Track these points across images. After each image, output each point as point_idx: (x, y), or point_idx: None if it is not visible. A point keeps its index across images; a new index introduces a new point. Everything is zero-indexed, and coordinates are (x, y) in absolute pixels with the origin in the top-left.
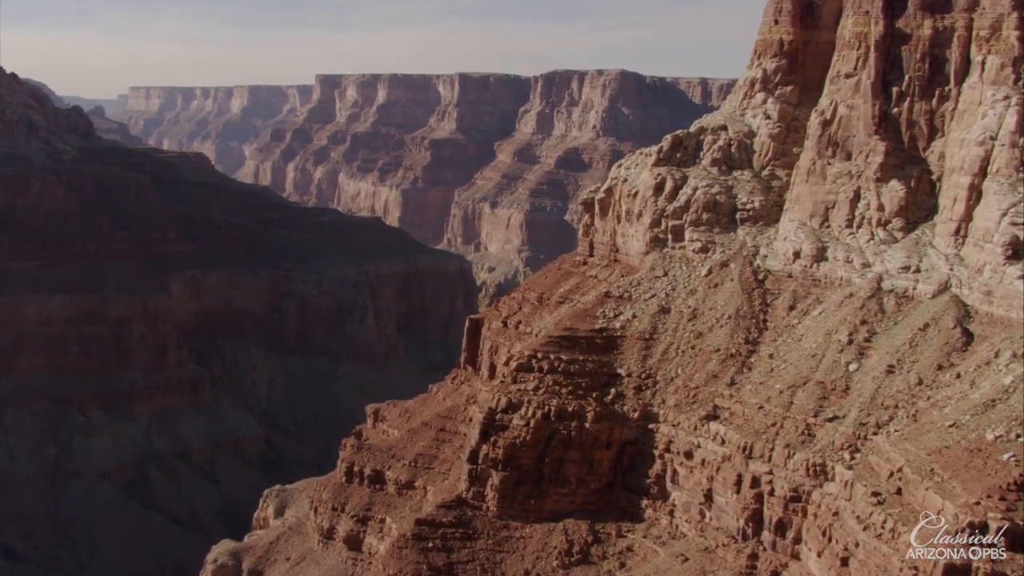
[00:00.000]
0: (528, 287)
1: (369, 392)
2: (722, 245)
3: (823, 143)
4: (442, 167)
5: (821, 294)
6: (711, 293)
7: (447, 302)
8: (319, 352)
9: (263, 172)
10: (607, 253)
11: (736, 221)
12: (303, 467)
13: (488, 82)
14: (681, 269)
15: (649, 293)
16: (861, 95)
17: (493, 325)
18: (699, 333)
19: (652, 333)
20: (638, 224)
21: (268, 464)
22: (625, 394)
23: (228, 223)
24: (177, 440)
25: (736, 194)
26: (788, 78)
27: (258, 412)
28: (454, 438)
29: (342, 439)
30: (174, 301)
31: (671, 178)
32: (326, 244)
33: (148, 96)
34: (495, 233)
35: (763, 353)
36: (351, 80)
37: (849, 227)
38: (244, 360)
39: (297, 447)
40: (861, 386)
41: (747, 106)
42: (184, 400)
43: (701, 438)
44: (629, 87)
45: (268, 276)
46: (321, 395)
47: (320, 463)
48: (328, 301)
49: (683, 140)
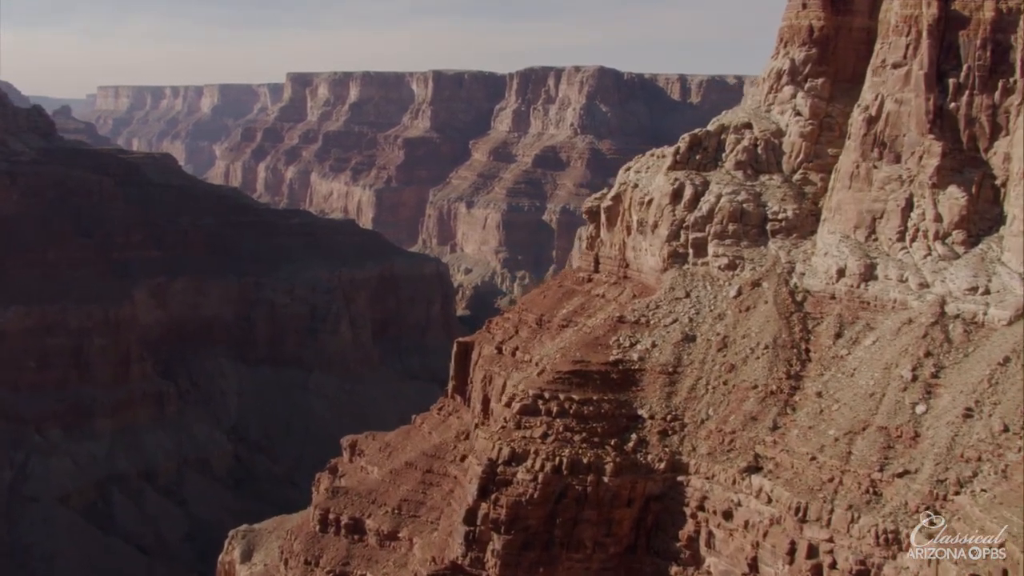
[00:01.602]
0: (524, 307)
1: (343, 403)
2: (752, 261)
3: (868, 143)
4: (416, 166)
5: (872, 319)
6: (743, 318)
7: (423, 307)
8: (291, 362)
9: (234, 172)
10: (615, 269)
11: (767, 233)
12: (275, 484)
13: (463, 79)
14: (705, 289)
15: (670, 318)
16: (912, 88)
17: (485, 351)
18: (731, 366)
19: (676, 366)
20: (653, 236)
21: (238, 482)
22: (648, 440)
23: (195, 227)
24: (141, 459)
25: (765, 202)
26: (819, 69)
27: (227, 426)
28: (443, 481)
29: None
30: (138, 310)
31: (690, 184)
32: (297, 248)
33: (117, 95)
34: (471, 234)
35: (809, 390)
36: (323, 78)
37: (901, 240)
38: (212, 371)
39: (268, 463)
40: (934, 433)
41: (773, 101)
42: (149, 416)
43: (742, 494)
44: (607, 84)
45: (237, 282)
46: (293, 407)
47: (292, 479)
48: (300, 308)
49: (702, 140)
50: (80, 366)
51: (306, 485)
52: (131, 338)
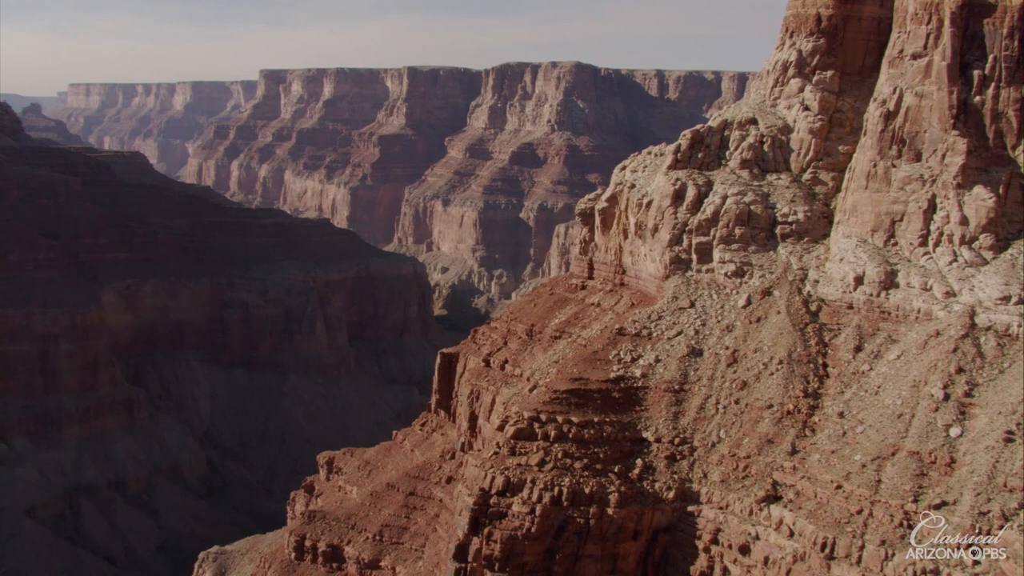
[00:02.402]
0: (513, 316)
1: (320, 407)
2: (761, 268)
3: (886, 140)
4: (391, 164)
5: (894, 331)
6: (753, 330)
7: (400, 308)
8: (265, 365)
9: (207, 171)
10: (611, 275)
11: (776, 237)
12: (250, 493)
13: (438, 76)
14: (711, 298)
15: (674, 330)
16: (933, 80)
17: (471, 363)
18: (743, 383)
19: (682, 383)
20: (653, 241)
21: (212, 491)
22: (655, 466)
23: (165, 227)
24: (111, 468)
25: (774, 203)
26: (827, 61)
27: (200, 433)
28: (427, 505)
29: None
30: (106, 314)
31: (693, 184)
32: (271, 248)
33: (88, 93)
34: (448, 232)
35: (829, 410)
36: (296, 75)
37: (924, 245)
38: (184, 376)
39: (243, 471)
40: (972, 459)
41: (779, 95)
42: (118, 423)
43: (760, 527)
44: (584, 80)
45: (209, 284)
46: (268, 412)
47: (268, 486)
48: (274, 310)
49: (704, 137)
50: (46, 372)
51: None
52: (99, 343)
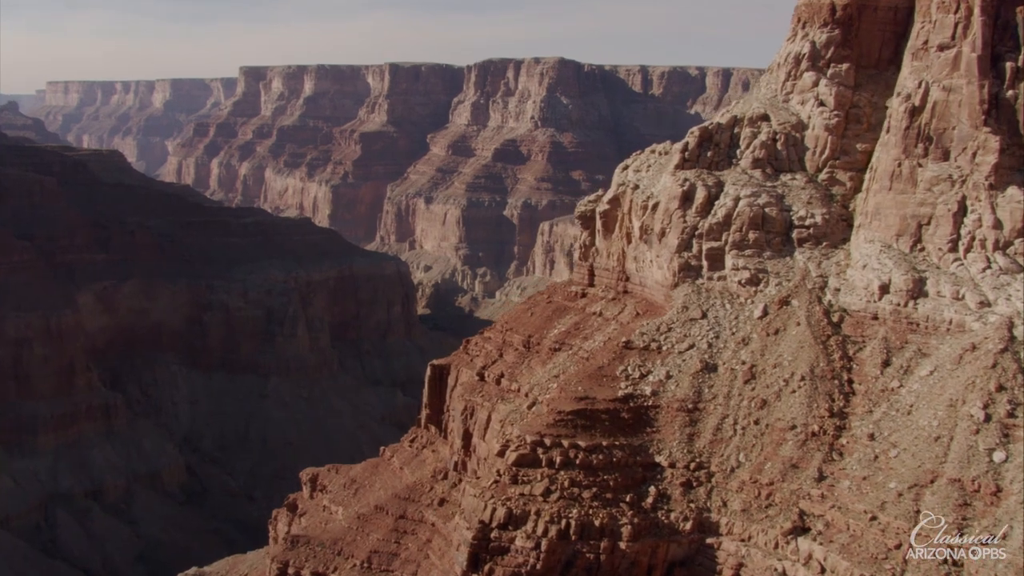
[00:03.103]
0: (508, 325)
1: (302, 411)
2: (777, 275)
3: (911, 138)
4: (373, 161)
5: (924, 344)
6: (771, 343)
7: (384, 308)
8: (246, 368)
9: (186, 169)
10: (614, 282)
11: (792, 241)
12: (230, 499)
13: (419, 72)
14: (724, 308)
15: (685, 343)
16: (962, 73)
17: (463, 376)
18: (763, 401)
19: (696, 401)
20: (660, 246)
21: (192, 497)
22: (670, 494)
23: (143, 227)
24: (88, 476)
25: (789, 205)
26: (842, 53)
27: (179, 438)
28: (419, 529)
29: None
30: (83, 316)
31: (703, 185)
32: (252, 248)
33: (67, 91)
34: (431, 230)
35: (858, 432)
36: (276, 72)
37: (954, 250)
38: (163, 380)
39: (223, 476)
40: (1020, 487)
41: (792, 89)
42: (95, 429)
43: (787, 562)
44: (567, 76)
45: (188, 286)
46: (249, 416)
47: (249, 492)
48: (255, 312)
49: (713, 134)
50: (20, 378)
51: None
52: (75, 347)
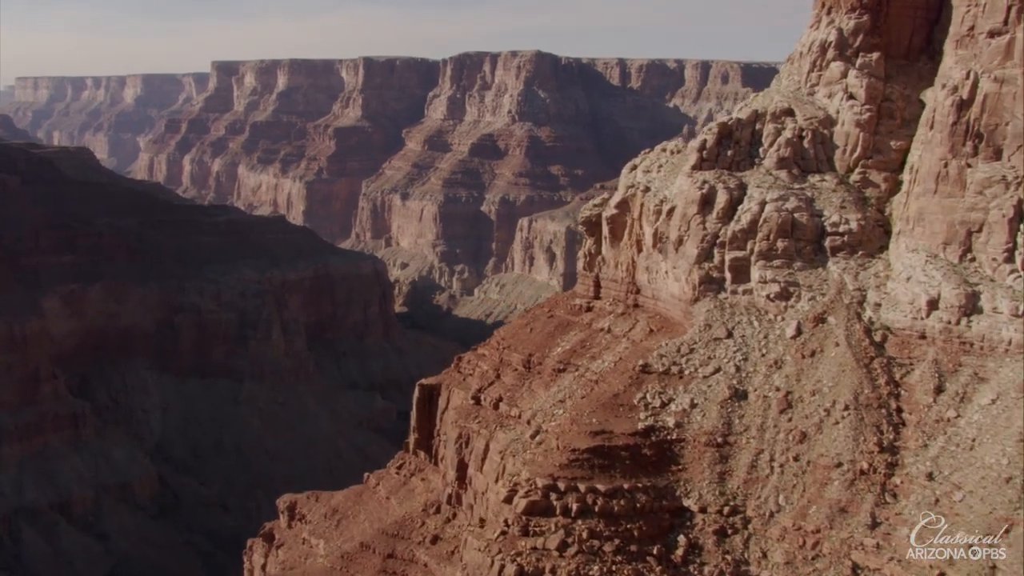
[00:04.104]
0: (505, 341)
1: (277, 416)
2: (809, 288)
3: (958, 135)
4: (348, 157)
5: (981, 367)
6: (808, 366)
7: (360, 308)
8: (219, 373)
9: (158, 166)
10: (623, 295)
11: (824, 250)
12: (204, 510)
13: (394, 66)
14: (752, 326)
15: (710, 366)
16: (1017, 62)
17: (456, 398)
18: (802, 434)
19: (727, 434)
20: (677, 256)
21: (164, 509)
22: (702, 544)
23: (112, 227)
24: (54, 489)
25: (821, 210)
26: (871, 41)
27: (151, 446)
28: (410, 570)
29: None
30: (48, 322)
31: (724, 187)
32: (225, 248)
33: (36, 87)
34: (407, 226)
35: (914, 470)
36: (249, 66)
37: (1010, 261)
38: (133, 386)
39: (197, 486)
40: None
41: (818, 81)
42: (62, 439)
43: None
44: (545, 69)
45: (158, 288)
46: (223, 422)
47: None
48: (228, 314)
49: (733, 131)
50: None
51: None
52: (40, 354)
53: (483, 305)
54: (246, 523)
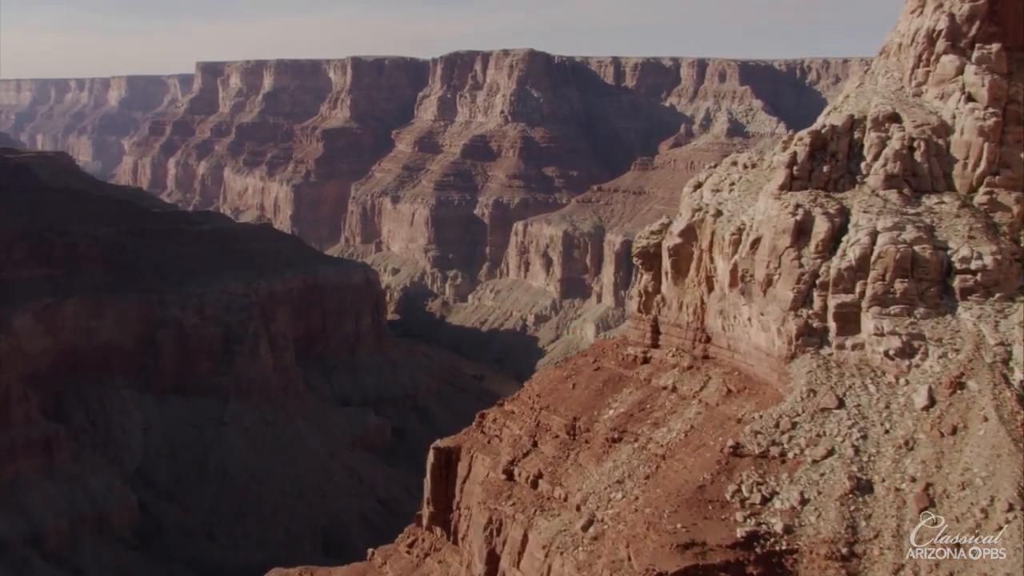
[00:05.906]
0: (542, 400)
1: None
2: (939, 342)
3: None
4: (336, 159)
5: None
6: (949, 448)
7: (352, 320)
8: (203, 391)
9: (142, 168)
10: (689, 345)
11: (952, 291)
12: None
13: (383, 66)
14: (868, 392)
15: (820, 447)
16: None
17: (481, 467)
18: (955, 544)
19: (852, 543)
20: (766, 300)
21: (145, 540)
22: None
23: (89, 237)
24: (25, 521)
25: (945, 241)
26: (989, 30)
27: (131, 470)
28: None
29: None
30: (21, 339)
31: (823, 214)
32: (208, 258)
33: (19, 89)
34: (398, 231)
35: None
36: (234, 67)
37: None
38: (112, 407)
39: (180, 513)
40: None
41: (925, 79)
42: (34, 466)
43: None
44: (538, 68)
45: (139, 301)
46: (208, 444)
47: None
48: (212, 329)
49: (828, 141)
50: None
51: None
52: (11, 374)
53: (477, 312)
54: (233, 553)
